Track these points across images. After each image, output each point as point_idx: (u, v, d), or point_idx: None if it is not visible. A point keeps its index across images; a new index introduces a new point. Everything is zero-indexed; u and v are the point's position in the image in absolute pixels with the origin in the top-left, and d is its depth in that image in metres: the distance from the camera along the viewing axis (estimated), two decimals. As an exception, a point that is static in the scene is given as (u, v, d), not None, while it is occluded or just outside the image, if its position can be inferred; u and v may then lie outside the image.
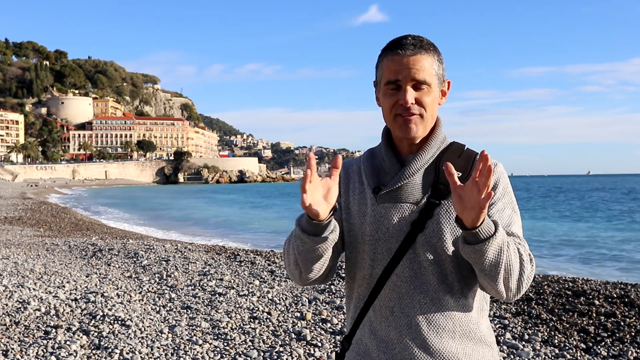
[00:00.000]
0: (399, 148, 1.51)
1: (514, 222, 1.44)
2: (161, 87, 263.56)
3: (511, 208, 1.45)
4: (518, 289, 1.35)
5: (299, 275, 1.44)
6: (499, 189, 1.45)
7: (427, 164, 1.47)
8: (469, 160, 1.48)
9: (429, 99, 1.43)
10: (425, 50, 1.42)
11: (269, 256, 11.16)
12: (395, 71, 1.41)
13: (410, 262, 1.42)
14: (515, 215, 1.45)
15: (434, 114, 1.47)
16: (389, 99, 1.43)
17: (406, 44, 1.41)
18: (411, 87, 1.41)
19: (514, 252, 1.32)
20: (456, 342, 1.41)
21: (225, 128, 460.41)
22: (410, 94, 1.41)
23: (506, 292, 1.34)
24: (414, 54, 1.41)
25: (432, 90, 1.43)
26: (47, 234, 16.15)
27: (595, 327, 5.54)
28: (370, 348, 1.46)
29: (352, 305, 1.54)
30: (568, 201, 45.54)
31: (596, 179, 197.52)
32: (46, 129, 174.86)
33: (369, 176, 1.52)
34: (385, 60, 1.44)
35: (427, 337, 1.40)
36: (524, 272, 1.34)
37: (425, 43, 1.43)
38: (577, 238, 18.69)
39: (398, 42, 1.43)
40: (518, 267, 1.33)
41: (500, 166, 1.49)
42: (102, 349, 4.84)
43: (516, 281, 1.34)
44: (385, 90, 1.44)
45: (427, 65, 1.42)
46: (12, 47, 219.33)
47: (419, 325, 1.41)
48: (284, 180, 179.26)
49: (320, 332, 5.45)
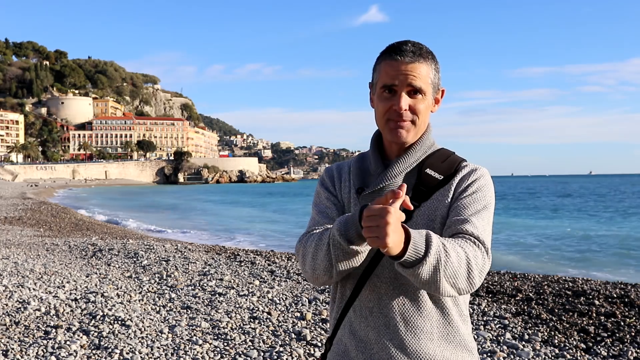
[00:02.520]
0: (387, 151, 1.54)
1: (479, 215, 1.41)
2: (161, 87, 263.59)
3: (482, 204, 1.44)
4: (470, 285, 1.32)
5: (326, 280, 1.43)
6: (474, 185, 1.46)
7: (410, 167, 1.50)
8: (452, 166, 1.50)
9: (423, 107, 1.45)
10: (423, 59, 1.44)
11: (269, 256, 11.17)
12: (392, 76, 1.43)
13: (390, 263, 1.43)
14: (484, 211, 1.43)
15: (425, 121, 1.49)
16: (384, 102, 1.46)
17: (405, 50, 1.43)
18: (406, 94, 1.43)
19: (457, 256, 1.28)
20: (434, 345, 1.42)
21: (225, 128, 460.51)
22: (405, 101, 1.43)
23: (456, 292, 1.32)
24: (412, 61, 1.42)
25: (426, 98, 1.46)
26: (47, 234, 16.14)
27: (595, 327, 5.53)
28: (349, 348, 1.48)
29: (335, 306, 1.56)
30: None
31: (597, 179, 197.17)
32: (46, 129, 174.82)
33: (354, 177, 1.55)
34: (383, 64, 1.46)
35: (405, 338, 1.41)
36: (473, 269, 1.30)
37: (424, 51, 1.45)
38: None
39: (397, 48, 1.44)
40: (465, 268, 1.30)
41: (482, 170, 1.50)
42: (102, 349, 4.84)
43: (465, 280, 1.30)
44: (381, 93, 1.46)
45: (424, 73, 1.44)
46: (12, 47, 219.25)
47: (397, 326, 1.42)
48: (284, 180, 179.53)
49: (320, 332, 5.45)
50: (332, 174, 1.62)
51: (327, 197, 1.58)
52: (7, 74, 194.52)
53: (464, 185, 1.46)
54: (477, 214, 1.42)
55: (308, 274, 1.46)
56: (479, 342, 5.11)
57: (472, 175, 1.48)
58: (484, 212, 1.43)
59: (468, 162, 1.52)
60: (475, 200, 1.44)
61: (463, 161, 1.52)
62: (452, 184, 1.47)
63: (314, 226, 1.53)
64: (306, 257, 1.45)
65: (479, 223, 1.40)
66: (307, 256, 1.44)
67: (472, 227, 1.38)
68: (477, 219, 1.41)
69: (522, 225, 23.55)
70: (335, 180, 1.60)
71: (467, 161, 1.53)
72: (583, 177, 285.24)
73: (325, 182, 1.61)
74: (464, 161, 1.52)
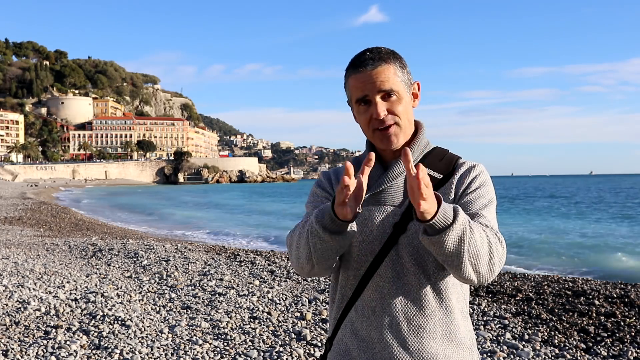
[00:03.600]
0: (382, 155, 1.55)
1: (487, 208, 1.44)
2: (161, 87, 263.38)
3: (487, 199, 1.46)
4: (490, 272, 1.34)
5: (309, 269, 1.45)
6: (477, 182, 1.48)
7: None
8: (450, 164, 1.52)
9: (401, 107, 1.46)
10: (384, 61, 1.45)
11: (269, 256, 11.17)
12: (361, 88, 1.45)
13: (392, 263, 1.45)
14: (490, 205, 1.46)
15: (410, 119, 1.50)
16: (363, 115, 1.47)
17: (365, 59, 1.45)
18: (380, 99, 1.44)
19: (480, 236, 1.31)
20: (437, 343, 1.43)
21: (225, 128, 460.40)
22: (381, 106, 1.44)
23: (477, 277, 1.33)
24: (374, 67, 1.43)
25: (402, 97, 1.47)
26: (47, 234, 16.15)
27: (595, 327, 5.53)
28: (351, 347, 1.48)
29: (334, 307, 1.56)
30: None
31: (597, 179, 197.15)
32: (46, 129, 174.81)
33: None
34: (350, 80, 1.48)
35: (407, 337, 1.42)
36: (494, 255, 1.33)
37: (383, 54, 1.46)
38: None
39: (357, 60, 1.46)
40: (487, 251, 1.31)
41: (480, 166, 1.52)
42: (102, 349, 4.84)
43: (487, 265, 1.32)
44: (358, 108, 1.48)
45: (390, 74, 1.44)
46: (12, 47, 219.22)
47: (399, 325, 1.43)
48: (284, 180, 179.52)
49: (320, 332, 5.45)
50: (329, 177, 1.63)
51: (324, 196, 1.59)
52: (7, 74, 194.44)
53: (466, 182, 1.48)
54: (485, 207, 1.44)
55: (294, 264, 1.48)
56: (479, 342, 5.11)
57: (472, 172, 1.50)
58: (491, 206, 1.46)
59: (464, 160, 1.54)
60: (480, 196, 1.46)
61: (459, 158, 1.54)
62: (452, 182, 1.49)
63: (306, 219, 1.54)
64: (292, 247, 1.47)
65: (490, 217, 1.43)
66: (293, 246, 1.46)
67: (485, 220, 1.41)
68: (487, 212, 1.44)
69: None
70: (333, 183, 1.61)
71: (463, 158, 1.55)
72: (584, 177, 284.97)
73: (322, 183, 1.62)
74: (460, 158, 1.54)
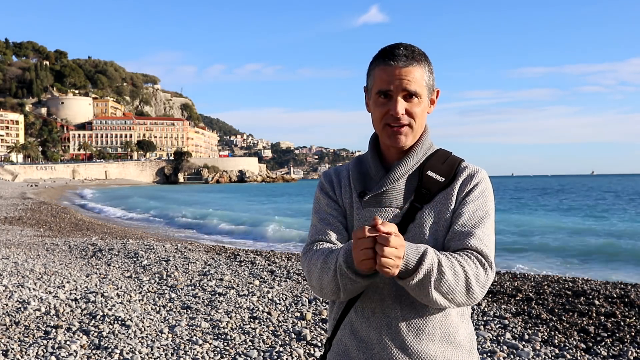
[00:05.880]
0: (385, 154, 1.55)
1: (482, 225, 1.45)
2: (161, 87, 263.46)
3: (484, 211, 1.46)
4: (470, 299, 1.37)
5: (334, 298, 1.47)
6: (475, 191, 1.48)
7: (411, 170, 1.51)
8: (453, 167, 1.51)
9: (419, 110, 1.46)
10: (417, 62, 1.44)
11: (269, 256, 11.17)
12: (387, 81, 1.43)
13: None
14: (486, 219, 1.46)
15: (422, 124, 1.51)
16: (380, 108, 1.47)
17: (398, 54, 1.43)
18: (402, 98, 1.44)
19: (454, 273, 1.33)
20: (435, 345, 1.43)
21: (225, 128, 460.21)
22: (401, 105, 1.44)
23: (454, 305, 1.37)
24: (405, 65, 1.43)
25: (422, 101, 1.47)
26: (47, 234, 16.14)
27: (595, 327, 5.53)
28: (350, 348, 1.49)
29: (335, 308, 1.56)
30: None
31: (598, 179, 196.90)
32: (46, 129, 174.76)
33: (355, 181, 1.56)
34: (377, 70, 1.46)
35: (406, 338, 1.43)
36: (472, 286, 1.36)
37: (417, 54, 1.45)
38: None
39: (390, 52, 1.45)
40: (463, 284, 1.34)
41: (482, 173, 1.52)
42: (102, 349, 4.84)
43: (463, 295, 1.36)
44: (376, 99, 1.47)
45: (419, 76, 1.44)
46: (12, 47, 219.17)
47: (399, 326, 1.43)
48: (284, 180, 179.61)
49: (320, 332, 5.45)
50: (331, 179, 1.61)
51: (328, 204, 1.57)
52: (7, 74, 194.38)
53: (466, 190, 1.48)
54: (481, 224, 1.44)
55: (316, 290, 1.48)
56: (479, 342, 5.11)
57: (473, 179, 1.49)
58: (487, 220, 1.46)
59: (467, 163, 1.54)
60: (477, 208, 1.46)
61: (462, 161, 1.53)
62: (454, 187, 1.49)
63: (316, 235, 1.53)
64: (312, 274, 1.46)
65: (483, 234, 1.43)
66: (313, 274, 1.46)
67: (477, 241, 1.41)
68: (481, 230, 1.43)
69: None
70: (335, 186, 1.59)
71: (466, 161, 1.54)
72: (585, 177, 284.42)
73: (325, 188, 1.60)
74: (463, 161, 1.53)
